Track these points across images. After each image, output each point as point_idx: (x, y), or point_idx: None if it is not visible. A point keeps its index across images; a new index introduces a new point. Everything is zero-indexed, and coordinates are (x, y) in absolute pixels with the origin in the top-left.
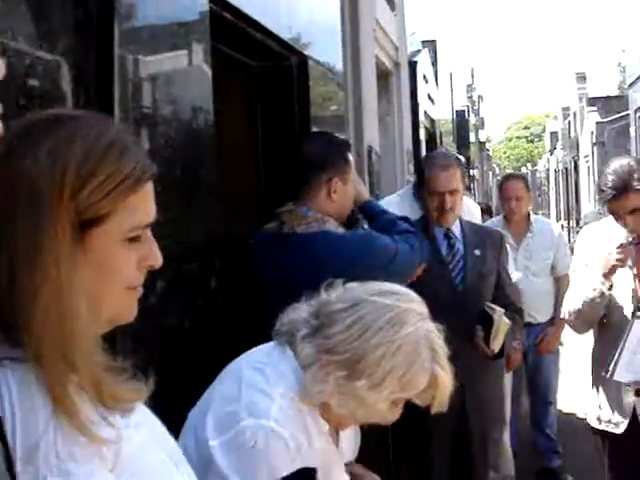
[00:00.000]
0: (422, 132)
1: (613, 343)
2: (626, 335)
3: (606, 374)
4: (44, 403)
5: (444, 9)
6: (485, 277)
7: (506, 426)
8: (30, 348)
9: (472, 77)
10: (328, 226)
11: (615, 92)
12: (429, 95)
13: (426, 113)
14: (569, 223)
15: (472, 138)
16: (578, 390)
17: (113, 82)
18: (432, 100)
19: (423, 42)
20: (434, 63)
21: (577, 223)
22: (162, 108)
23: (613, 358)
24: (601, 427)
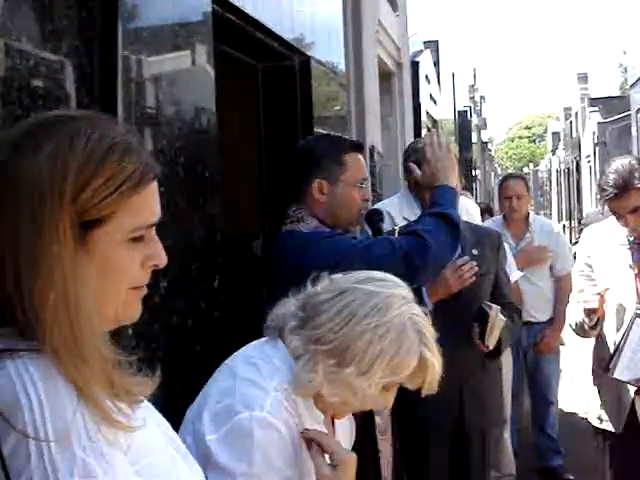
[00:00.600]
0: (424, 132)
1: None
2: (627, 333)
3: (606, 372)
4: (68, 391)
5: (446, 10)
6: (483, 277)
7: (507, 425)
8: (44, 345)
9: (474, 77)
10: (300, 226)
11: (617, 92)
12: (431, 95)
13: (428, 113)
14: (571, 223)
15: (474, 138)
16: (579, 389)
17: (116, 83)
18: (434, 100)
19: (425, 42)
20: (436, 63)
21: (579, 223)
22: (165, 108)
23: (613, 356)
24: (602, 426)
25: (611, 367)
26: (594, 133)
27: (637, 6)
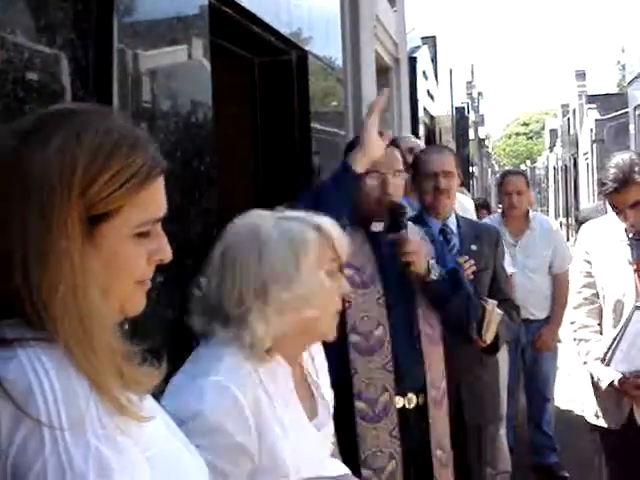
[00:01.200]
0: (421, 128)
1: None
2: (624, 326)
3: (602, 362)
4: (80, 380)
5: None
6: (481, 273)
7: (503, 422)
8: (54, 337)
9: (472, 74)
10: None
11: (614, 90)
12: (428, 91)
13: (425, 109)
14: (568, 220)
15: (471, 135)
16: (575, 386)
17: (112, 76)
18: (431, 96)
19: (423, 38)
20: (434, 59)
21: (576, 220)
22: (161, 102)
23: (611, 348)
24: (598, 423)
25: (607, 358)
26: (592, 130)
27: (635, 4)
